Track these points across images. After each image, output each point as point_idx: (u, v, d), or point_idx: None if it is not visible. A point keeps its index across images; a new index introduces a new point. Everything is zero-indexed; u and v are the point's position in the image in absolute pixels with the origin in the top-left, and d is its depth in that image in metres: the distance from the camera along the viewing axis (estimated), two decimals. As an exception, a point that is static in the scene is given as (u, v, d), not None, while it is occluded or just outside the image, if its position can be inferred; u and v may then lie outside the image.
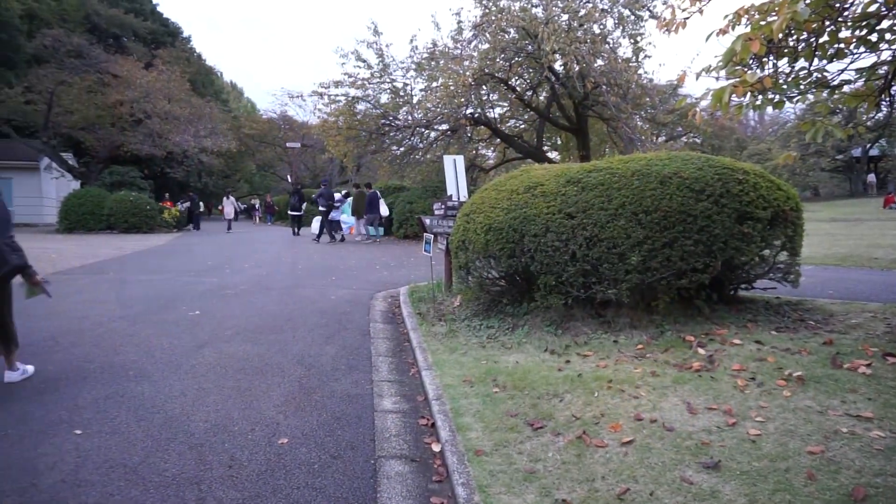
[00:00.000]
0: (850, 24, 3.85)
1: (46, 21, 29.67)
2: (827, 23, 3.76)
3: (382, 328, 6.32)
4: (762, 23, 3.37)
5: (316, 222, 19.32)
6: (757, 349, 4.31)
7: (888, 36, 3.93)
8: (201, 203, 32.55)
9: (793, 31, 3.85)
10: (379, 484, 2.92)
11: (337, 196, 19.50)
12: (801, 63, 4.10)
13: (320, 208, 18.77)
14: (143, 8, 39.29)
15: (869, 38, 3.90)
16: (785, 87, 4.02)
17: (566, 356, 4.62)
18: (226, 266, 11.87)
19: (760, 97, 3.92)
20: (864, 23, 3.83)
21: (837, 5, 3.71)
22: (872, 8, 3.75)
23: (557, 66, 15.52)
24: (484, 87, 16.86)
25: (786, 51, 4.06)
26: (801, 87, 4.09)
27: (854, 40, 3.92)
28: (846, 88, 4.31)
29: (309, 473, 3.01)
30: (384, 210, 18.51)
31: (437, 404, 3.78)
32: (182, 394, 4.14)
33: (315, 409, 3.90)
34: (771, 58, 4.14)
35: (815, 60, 4.03)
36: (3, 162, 24.76)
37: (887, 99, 4.20)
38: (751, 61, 4.08)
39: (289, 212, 23.57)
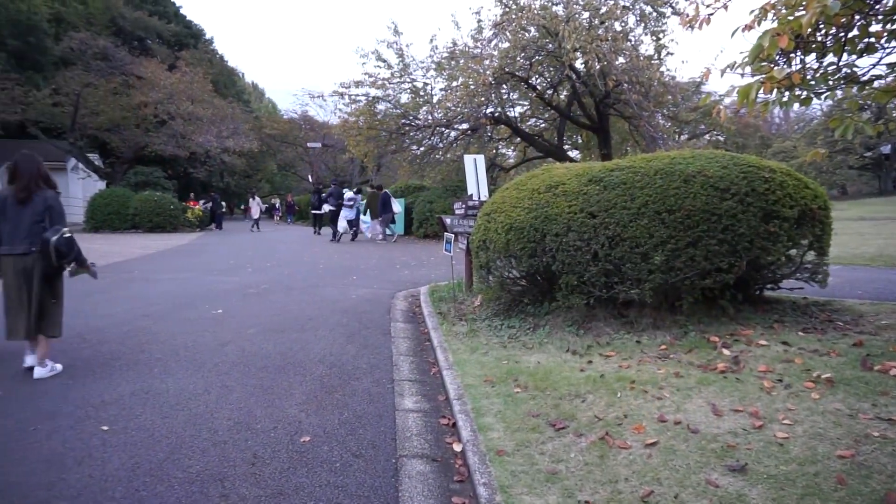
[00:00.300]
0: (881, 17, 3.76)
1: (73, 24, 30.28)
2: (857, 17, 3.67)
3: (403, 327, 6.33)
4: (790, 17, 3.31)
5: (341, 222, 19.52)
6: (784, 350, 4.23)
7: (921, 30, 3.83)
8: (223, 203, 32.96)
9: (821, 26, 3.77)
10: (400, 483, 2.92)
11: (349, 194, 19.66)
12: (830, 58, 4.00)
13: (330, 207, 19.00)
14: (166, 10, 39.95)
15: (901, 32, 3.80)
16: (813, 83, 3.93)
17: (588, 356, 4.59)
18: (248, 265, 11.99)
19: (787, 94, 3.84)
20: (895, 16, 3.74)
21: (868, -1, 3.62)
22: (905, 1, 3.65)
23: (578, 64, 15.42)
24: (504, 86, 16.82)
25: (814, 46, 3.98)
26: (830, 82, 4.00)
27: (885, 34, 3.82)
28: (876, 84, 4.20)
29: (331, 471, 3.02)
30: (396, 208, 18.86)
31: (459, 404, 3.78)
32: (205, 391, 4.18)
33: (336, 407, 3.91)
34: (798, 53, 4.06)
35: (845, 55, 3.94)
36: (32, 163, 25.22)
37: (919, 94, 4.08)
38: (777, 57, 4.00)
39: (311, 211, 23.85)
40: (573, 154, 24.22)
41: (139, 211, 22.55)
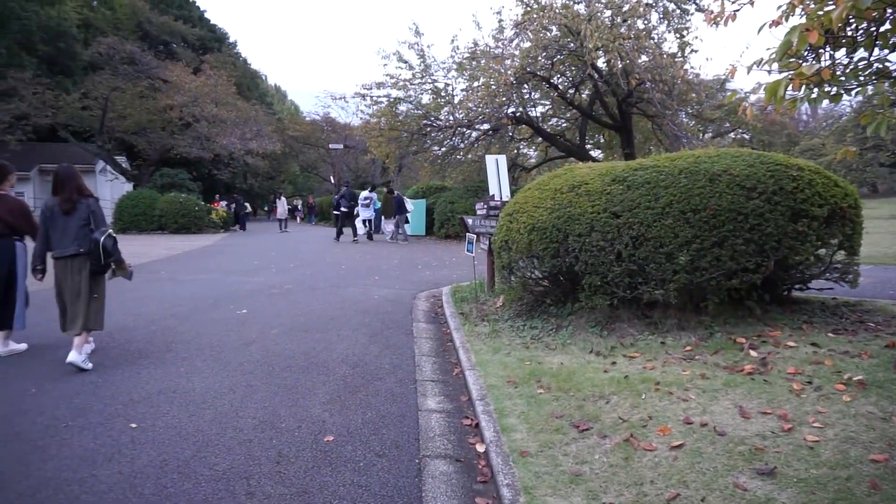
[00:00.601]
0: (914, 11, 3.66)
1: (101, 30, 30.94)
2: (889, 11, 3.58)
3: (425, 328, 6.34)
4: (819, 13, 3.24)
5: (358, 223, 19.69)
6: (813, 352, 4.15)
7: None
8: (247, 204, 33.33)
9: (852, 20, 3.69)
10: (424, 483, 2.92)
11: (364, 193, 19.79)
12: (861, 53, 3.91)
13: (342, 209, 19.22)
14: (191, 15, 40.58)
15: (935, 25, 3.70)
16: (843, 78, 3.85)
17: (612, 357, 4.55)
18: (271, 266, 12.11)
19: (817, 90, 3.76)
20: (929, 10, 3.64)
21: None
22: (939, -6, 3.55)
23: (600, 63, 15.29)
24: (525, 85, 16.76)
25: (844, 41, 3.89)
26: (861, 78, 3.91)
27: (919, 29, 3.72)
28: (909, 79, 4.10)
29: (354, 471, 3.04)
30: (409, 206, 19.35)
31: (481, 405, 3.77)
32: (231, 390, 4.23)
33: (360, 407, 3.93)
34: (827, 49, 3.97)
35: (876, 50, 3.85)
36: (62, 166, 25.82)
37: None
38: (806, 53, 3.92)
39: (333, 212, 24.07)
40: (595, 154, 24.04)
41: (165, 212, 22.92)
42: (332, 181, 41.60)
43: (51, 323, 5.87)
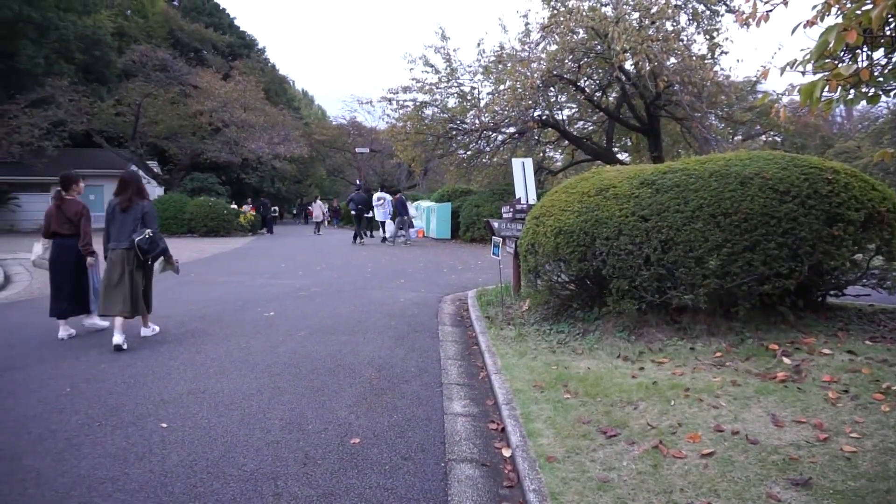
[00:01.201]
0: (956, 9, 3.55)
1: (135, 38, 31.71)
2: (930, 9, 3.48)
3: (451, 331, 6.34)
4: (857, 12, 3.16)
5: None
6: (849, 360, 4.04)
7: None
8: (275, 207, 33.78)
9: (891, 20, 3.59)
10: (449, 487, 2.91)
11: (377, 195, 19.91)
12: (900, 53, 3.81)
13: (352, 211, 19.34)
14: (221, 22, 41.32)
15: (978, 24, 3.58)
16: (881, 79, 3.75)
17: (640, 363, 4.49)
18: (298, 269, 12.23)
19: (854, 91, 3.67)
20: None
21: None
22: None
23: (628, 65, 15.15)
24: (552, 88, 16.68)
25: (882, 41, 3.79)
26: (900, 79, 3.80)
27: (961, 27, 3.61)
28: (951, 79, 3.97)
29: (380, 474, 3.04)
30: (413, 211, 20.04)
31: (507, 409, 3.75)
32: (259, 392, 4.28)
33: (386, 410, 3.94)
34: (865, 49, 3.87)
35: (916, 50, 3.74)
36: (97, 170, 26.48)
37: None
38: (842, 54, 3.83)
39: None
40: (623, 157, 23.81)
41: (194, 216, 23.30)
42: (358, 184, 41.93)
43: (84, 326, 6.04)
